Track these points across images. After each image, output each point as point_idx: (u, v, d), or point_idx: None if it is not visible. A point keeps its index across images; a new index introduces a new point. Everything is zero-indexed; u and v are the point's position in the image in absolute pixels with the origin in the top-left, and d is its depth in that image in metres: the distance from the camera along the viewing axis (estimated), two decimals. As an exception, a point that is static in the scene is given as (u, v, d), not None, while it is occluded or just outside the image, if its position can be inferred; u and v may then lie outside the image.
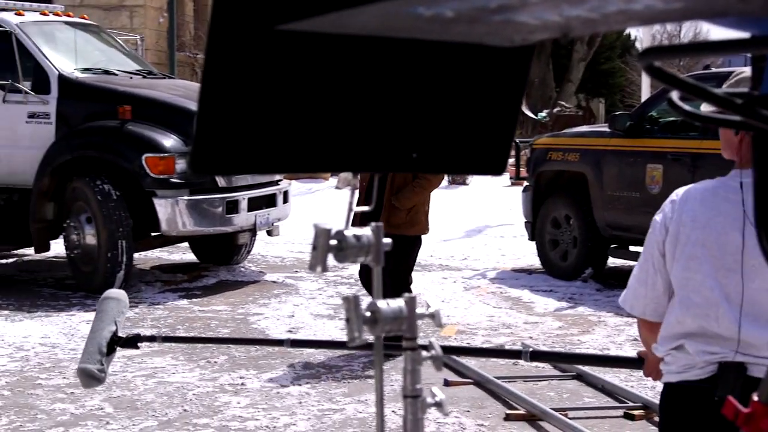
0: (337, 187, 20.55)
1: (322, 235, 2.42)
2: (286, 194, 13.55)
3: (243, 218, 12.61)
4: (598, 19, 1.72)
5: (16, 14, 12.94)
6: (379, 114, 2.31)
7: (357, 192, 2.55)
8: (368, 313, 2.49)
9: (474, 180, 21.83)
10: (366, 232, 2.51)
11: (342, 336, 10.05)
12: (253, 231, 13.15)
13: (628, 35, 45.56)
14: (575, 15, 1.72)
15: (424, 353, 2.59)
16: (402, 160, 2.46)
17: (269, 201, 13.11)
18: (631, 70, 40.29)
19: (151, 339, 6.32)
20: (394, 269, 8.94)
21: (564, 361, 8.56)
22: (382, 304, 2.50)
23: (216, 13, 2.10)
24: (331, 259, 2.55)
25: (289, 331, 10.34)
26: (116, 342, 5.87)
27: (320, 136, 2.28)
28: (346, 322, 2.51)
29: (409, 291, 9.23)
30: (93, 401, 8.22)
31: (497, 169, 2.55)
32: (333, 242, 2.44)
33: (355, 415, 7.92)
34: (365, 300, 2.53)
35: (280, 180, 13.55)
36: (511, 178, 20.43)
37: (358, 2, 1.92)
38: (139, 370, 9.07)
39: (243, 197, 12.55)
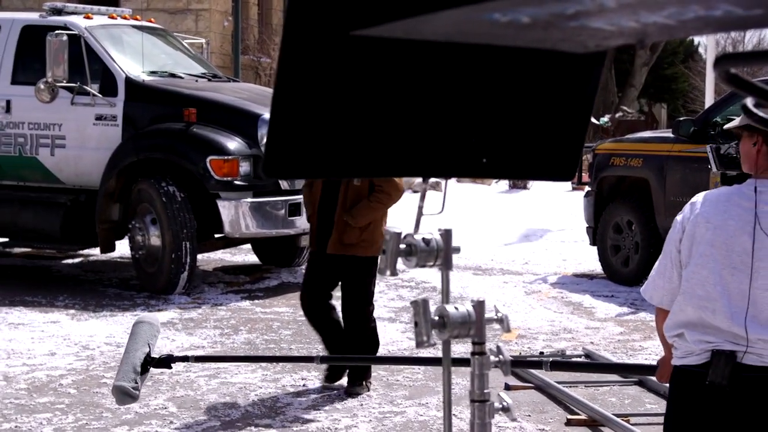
0: (398, 191, 20.58)
1: (392, 239, 2.42)
2: (347, 197, 13.55)
3: (305, 220, 12.62)
4: (675, 25, 1.70)
5: (84, 18, 13.03)
6: (450, 119, 2.31)
7: (424, 196, 2.54)
8: (437, 317, 2.49)
9: (535, 184, 21.74)
10: (435, 236, 2.52)
11: (402, 339, 10.06)
12: (314, 233, 13.17)
13: (691, 40, 45.22)
14: (652, 21, 1.71)
15: (493, 358, 2.58)
16: (472, 165, 2.46)
17: (331, 204, 13.12)
18: (694, 75, 39.98)
19: (184, 359, 6.40)
20: (348, 297, 8.31)
21: (580, 369, 8.52)
22: (451, 308, 2.50)
23: (290, 19, 2.10)
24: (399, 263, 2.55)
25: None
26: (150, 362, 5.95)
27: (391, 141, 2.28)
28: (414, 326, 2.51)
29: (368, 323, 8.40)
30: (157, 401, 8.27)
31: (567, 175, 2.54)
32: (403, 246, 2.45)
33: (416, 417, 7.91)
34: (434, 304, 2.53)
35: (343, 183, 13.55)
36: (572, 182, 20.35)
37: (432, 8, 1.91)
38: (202, 370, 9.10)
39: (305, 200, 12.57)
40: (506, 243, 16.08)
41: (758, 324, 3.85)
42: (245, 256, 14.50)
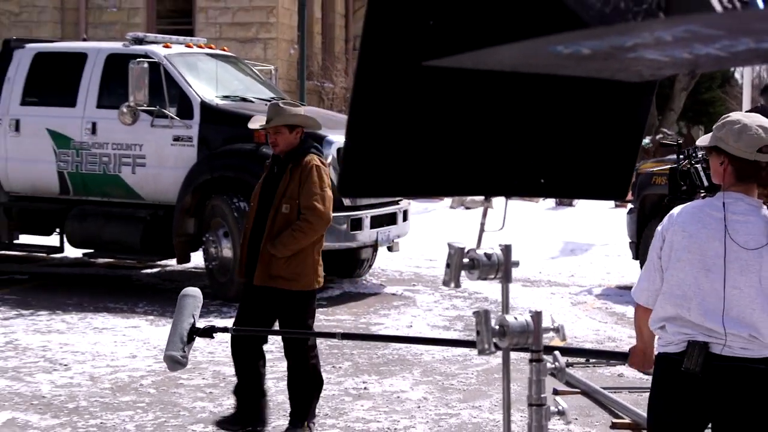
0: (451, 207, 20.51)
1: (456, 254, 2.44)
2: (405, 213, 13.56)
3: (366, 235, 12.65)
4: (726, 56, 1.71)
5: (163, 47, 13.13)
6: (511, 142, 2.32)
7: (486, 213, 2.54)
8: (497, 327, 2.50)
9: (579, 202, 21.63)
10: (496, 250, 2.53)
11: (449, 348, 10.01)
12: (374, 246, 13.19)
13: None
14: (705, 53, 1.72)
15: (549, 365, 2.59)
16: (531, 185, 2.47)
17: (390, 219, 13.13)
18: (730, 99, 39.62)
19: (224, 330, 6.40)
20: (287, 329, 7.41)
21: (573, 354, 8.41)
22: (511, 318, 2.51)
23: (364, 48, 2.12)
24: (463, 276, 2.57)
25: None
26: (195, 332, 5.99)
27: (457, 163, 2.29)
28: (476, 334, 2.52)
29: (308, 360, 7.34)
30: (230, 401, 8.29)
31: (620, 195, 2.55)
32: (466, 260, 2.46)
33: (470, 420, 7.89)
34: (495, 314, 2.54)
35: (400, 200, 13.56)
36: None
37: (500, 41, 1.92)
38: (270, 373, 9.11)
39: (366, 215, 12.59)
40: (553, 257, 16.01)
41: (730, 319, 4.13)
42: (310, 267, 14.54)
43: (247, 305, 7.50)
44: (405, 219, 13.56)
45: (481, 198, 10.37)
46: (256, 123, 7.77)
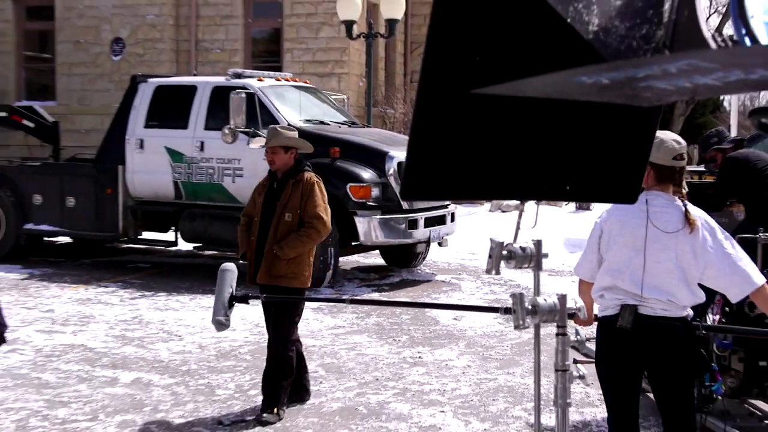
0: (490, 210, 20.44)
1: (497, 247, 2.44)
2: (453, 215, 13.54)
3: (420, 233, 12.65)
4: (720, 86, 1.69)
5: (257, 80, 13.22)
6: (542, 155, 2.31)
7: (521, 214, 2.54)
8: (530, 306, 2.50)
9: (596, 206, 21.43)
10: (530, 245, 2.52)
11: (493, 323, 9.98)
12: (427, 242, 13.17)
13: (718, 96, 44.34)
14: (703, 83, 1.70)
15: (572, 337, 2.58)
16: (558, 191, 2.45)
17: (440, 220, 13.12)
18: (720, 123, 39.16)
19: (256, 297, 6.30)
20: (276, 323, 6.96)
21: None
22: (541, 299, 2.51)
23: (424, 79, 2.13)
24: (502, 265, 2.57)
25: (454, 319, 10.32)
26: (234, 299, 5.98)
27: (497, 172, 2.29)
28: (513, 313, 2.52)
29: (286, 351, 6.92)
30: (310, 366, 8.32)
31: (631, 198, 2.53)
32: (504, 252, 2.46)
33: (505, 383, 7.86)
34: (528, 295, 2.53)
35: (449, 204, 13.54)
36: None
37: (533, 73, 1.92)
38: (343, 344, 9.16)
39: (421, 217, 12.59)
40: (573, 251, 15.88)
41: (650, 287, 4.39)
42: (375, 259, 14.57)
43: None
44: (452, 220, 13.54)
45: (516, 202, 10.35)
46: (257, 144, 7.53)
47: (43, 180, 14.01)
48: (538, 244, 2.48)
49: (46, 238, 15.00)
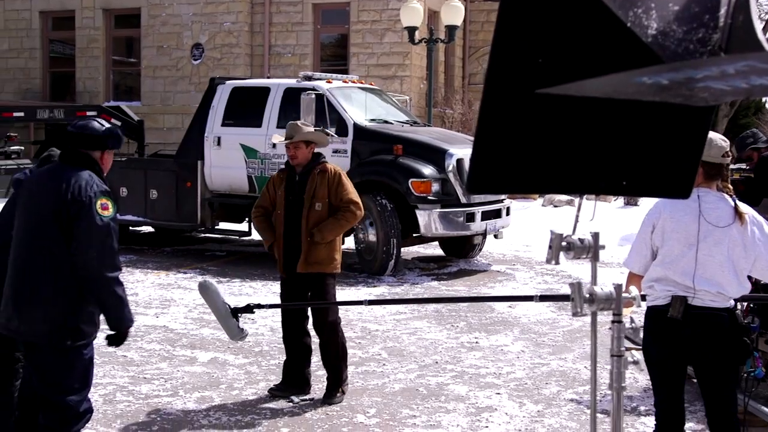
0: (542, 205, 20.29)
1: (556, 238, 2.41)
2: (508, 209, 13.45)
3: (477, 225, 12.59)
4: (776, 86, 1.66)
5: (326, 82, 13.25)
6: (601, 151, 2.28)
7: (580, 207, 2.50)
8: (587, 295, 2.47)
9: (643, 201, 21.17)
10: (587, 236, 2.50)
11: (546, 311, 9.91)
12: (484, 234, 13.11)
13: (761, 98, 43.47)
14: (759, 83, 1.67)
15: (627, 325, 2.55)
16: (616, 186, 2.42)
17: (496, 213, 13.04)
18: (762, 125, 38.41)
19: (258, 306, 6.12)
20: (316, 310, 6.86)
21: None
22: (598, 288, 2.48)
23: (490, 78, 2.11)
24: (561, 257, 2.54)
25: (509, 306, 10.25)
26: (236, 311, 5.87)
27: (558, 168, 2.27)
28: (571, 301, 2.49)
29: (336, 335, 6.84)
30: (374, 349, 8.36)
31: (685, 193, 2.49)
32: (564, 243, 2.43)
33: (557, 368, 7.80)
34: (586, 284, 2.51)
35: (504, 198, 13.46)
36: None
37: (594, 74, 1.90)
38: (405, 329, 9.17)
39: (478, 210, 12.53)
40: (621, 244, 15.69)
41: (702, 279, 4.36)
42: (434, 249, 14.55)
43: (286, 294, 7.01)
44: (508, 213, 13.45)
45: (567, 198, 10.29)
46: (278, 139, 7.42)
47: (129, 174, 14.20)
48: (595, 236, 2.45)
49: (131, 228, 15.22)
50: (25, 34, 26.20)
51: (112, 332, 4.78)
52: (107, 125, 4.87)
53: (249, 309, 5.98)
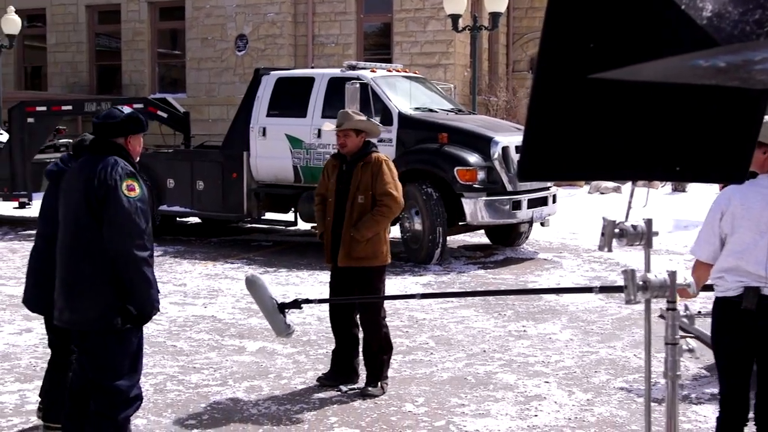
0: (588, 192, 20.12)
1: (609, 225, 2.38)
2: (554, 196, 13.36)
3: (523, 213, 12.52)
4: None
5: (370, 71, 13.25)
6: (655, 137, 2.25)
7: (633, 194, 2.47)
8: (641, 282, 2.44)
9: (691, 187, 20.91)
10: (640, 223, 2.46)
11: (595, 300, 9.83)
12: (530, 222, 13.04)
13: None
14: (819, 65, 1.63)
15: (681, 312, 2.51)
16: (669, 172, 2.39)
17: (542, 201, 12.96)
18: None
19: (306, 302, 6.06)
20: (363, 304, 6.78)
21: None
22: (652, 276, 2.45)
23: (541, 64, 2.09)
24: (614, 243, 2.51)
25: (557, 295, 10.18)
26: (284, 307, 5.81)
27: (610, 154, 2.24)
28: (624, 288, 2.46)
29: (380, 329, 6.76)
30: (421, 338, 8.35)
31: (740, 178, 2.44)
32: (616, 230, 2.40)
33: (606, 356, 7.74)
34: (639, 272, 2.47)
35: (551, 186, 13.37)
36: (720, 187, 19.34)
37: (647, 57, 1.87)
38: (452, 318, 9.15)
39: (524, 198, 12.46)
40: (670, 231, 15.52)
41: None
42: (480, 238, 14.50)
43: (334, 285, 6.98)
44: (554, 201, 13.36)
45: (614, 185, 10.21)
46: (329, 127, 7.34)
47: (176, 165, 14.33)
48: (648, 222, 2.42)
49: (178, 219, 15.36)
50: (72, 28, 26.51)
51: (135, 313, 4.82)
52: (127, 111, 4.98)
53: (297, 304, 5.94)
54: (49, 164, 5.61)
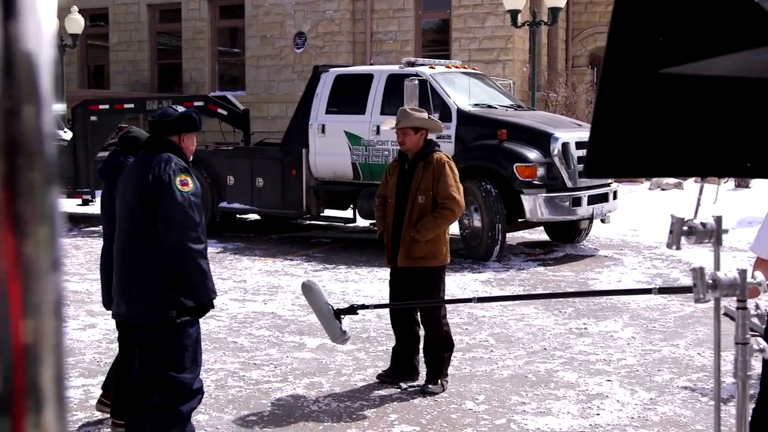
0: (649, 189, 19.86)
1: (677, 222, 2.34)
2: (615, 193, 13.22)
3: (584, 210, 12.41)
4: None
5: (429, 67, 13.23)
6: (726, 132, 2.20)
7: (702, 190, 2.42)
8: (710, 281, 2.39)
9: (755, 183, 20.53)
10: (709, 220, 2.41)
11: (656, 298, 9.69)
12: (590, 219, 12.92)
13: None
14: None
15: (752, 311, 2.47)
16: (739, 168, 2.34)
17: (603, 197, 12.83)
18: None
19: (362, 307, 6.04)
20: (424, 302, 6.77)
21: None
22: (722, 274, 2.40)
23: (608, 59, 2.06)
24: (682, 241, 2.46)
25: (618, 292, 10.06)
26: (339, 313, 5.78)
27: (678, 150, 2.20)
28: (693, 287, 2.41)
29: (440, 327, 6.74)
30: (481, 335, 8.32)
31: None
32: (685, 228, 2.36)
33: (669, 354, 7.63)
34: (708, 270, 2.42)
35: (611, 182, 13.22)
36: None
37: (718, 52, 1.83)
38: (512, 315, 9.09)
39: (584, 194, 12.34)
40: (733, 228, 15.26)
41: None
42: (540, 234, 14.40)
43: (393, 284, 6.96)
44: (615, 197, 13.22)
45: (675, 181, 10.02)
46: (388, 125, 7.26)
47: (235, 163, 14.45)
48: (718, 220, 2.37)
49: (238, 216, 15.50)
50: (133, 27, 26.89)
51: (193, 304, 4.90)
52: (181, 110, 5.10)
53: (352, 310, 5.93)
54: (99, 164, 5.71)
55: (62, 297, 0.69)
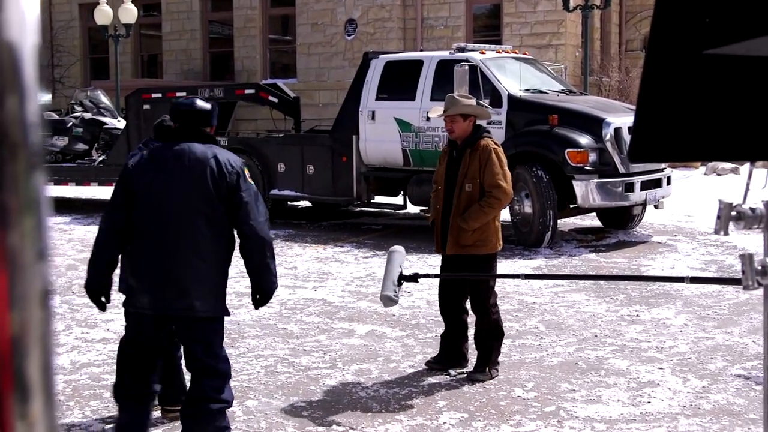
0: (705, 174, 19.57)
1: (725, 207, 2.29)
2: (669, 178, 13.03)
3: (636, 196, 12.26)
4: None
5: (479, 53, 13.14)
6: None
7: (751, 175, 2.36)
8: (760, 267, 2.33)
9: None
10: (759, 206, 2.35)
11: (712, 286, 9.55)
12: (643, 205, 12.75)
13: None
14: None
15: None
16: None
17: (656, 183, 12.66)
18: None
19: (426, 276, 6.00)
20: (473, 291, 6.72)
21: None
22: (771, 260, 2.34)
23: (653, 42, 2.01)
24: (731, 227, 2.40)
25: (672, 279, 9.93)
26: (402, 278, 5.74)
27: (727, 133, 2.15)
28: (742, 273, 2.36)
29: (490, 315, 6.67)
30: (531, 322, 8.26)
31: None
32: (733, 213, 2.30)
33: (723, 342, 7.51)
34: (757, 256, 2.37)
35: (665, 167, 13.04)
36: None
37: (765, 32, 1.78)
38: (562, 301, 9.02)
39: (637, 180, 12.19)
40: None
41: None
42: (591, 221, 14.26)
43: (444, 272, 6.89)
44: (668, 183, 13.04)
45: (731, 165, 9.91)
46: (436, 113, 7.17)
47: (286, 150, 14.51)
48: (767, 205, 2.30)
49: (289, 203, 15.57)
50: (186, 16, 27.11)
51: (259, 295, 4.93)
52: (211, 103, 5.05)
53: (415, 278, 5.99)
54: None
55: (49, 287, 0.68)
